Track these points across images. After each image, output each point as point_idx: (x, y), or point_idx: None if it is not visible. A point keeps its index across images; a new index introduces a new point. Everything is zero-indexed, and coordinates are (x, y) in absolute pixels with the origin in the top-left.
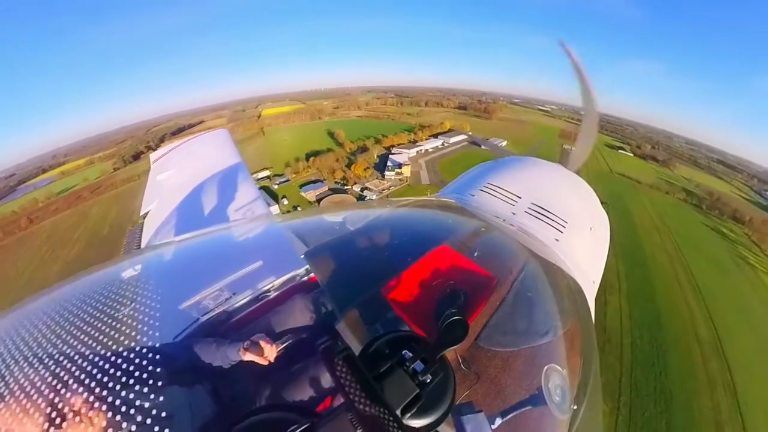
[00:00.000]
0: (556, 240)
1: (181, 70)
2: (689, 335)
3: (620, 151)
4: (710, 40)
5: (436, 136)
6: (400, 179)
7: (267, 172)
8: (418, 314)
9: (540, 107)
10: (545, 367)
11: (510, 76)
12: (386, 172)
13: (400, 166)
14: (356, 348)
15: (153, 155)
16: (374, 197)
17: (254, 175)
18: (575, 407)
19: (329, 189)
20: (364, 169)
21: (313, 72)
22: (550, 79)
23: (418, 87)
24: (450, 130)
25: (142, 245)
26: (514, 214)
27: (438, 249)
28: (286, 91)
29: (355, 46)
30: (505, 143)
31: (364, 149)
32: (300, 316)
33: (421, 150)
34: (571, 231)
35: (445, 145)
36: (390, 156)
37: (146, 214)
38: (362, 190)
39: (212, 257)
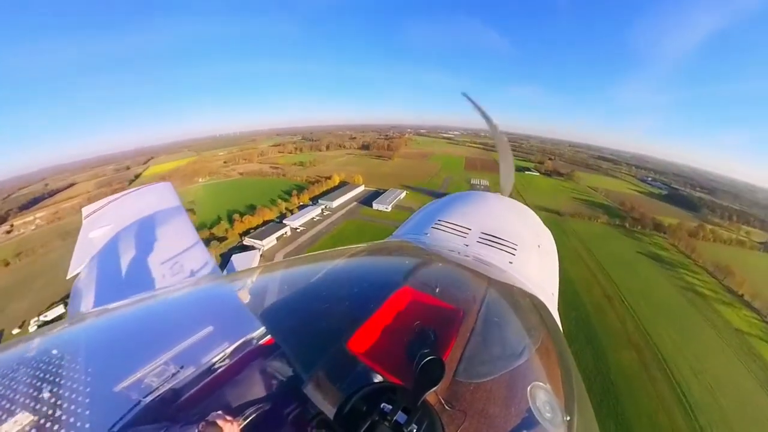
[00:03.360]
0: (510, 263)
1: (72, 113)
2: None
3: (527, 172)
4: (570, 63)
5: (315, 200)
6: None
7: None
8: (389, 362)
9: (444, 135)
10: (529, 387)
11: (416, 108)
12: None
13: None
14: (330, 410)
15: (85, 210)
16: None
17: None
18: (568, 418)
19: None
20: None
21: (227, 115)
22: (450, 108)
23: (329, 126)
24: (340, 184)
25: (69, 314)
26: (467, 245)
27: (399, 291)
28: (194, 136)
29: (272, 89)
30: (404, 194)
31: (207, 243)
32: (261, 384)
33: (286, 233)
34: (522, 252)
35: (325, 213)
36: (233, 257)
37: (74, 277)
38: None
39: (154, 326)
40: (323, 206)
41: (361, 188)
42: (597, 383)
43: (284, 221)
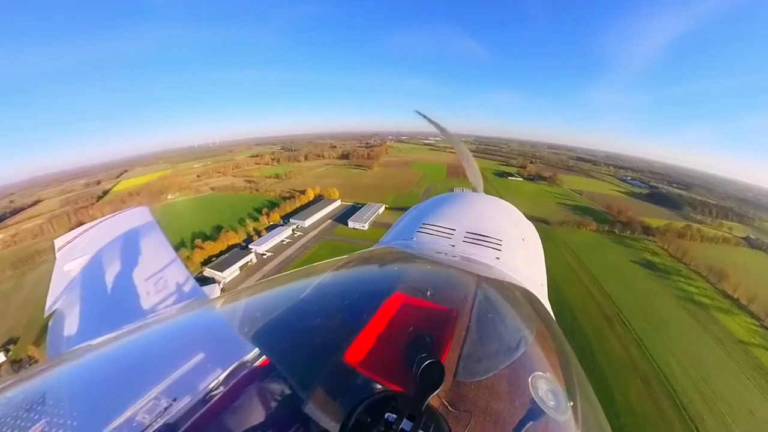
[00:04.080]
0: (497, 258)
1: (48, 123)
2: None
3: (510, 178)
4: (544, 68)
5: (287, 219)
6: None
7: None
8: (389, 370)
9: (425, 141)
10: (530, 378)
11: (398, 114)
12: None
13: None
14: (333, 427)
15: (58, 241)
16: None
17: None
18: (572, 403)
19: None
20: None
21: (207, 125)
22: (432, 113)
23: (311, 134)
24: (315, 199)
25: (48, 354)
26: (453, 246)
27: (391, 298)
28: (173, 147)
29: (253, 98)
30: (382, 209)
31: None
32: (260, 408)
33: (251, 260)
34: (508, 246)
35: (296, 235)
36: None
37: (51, 314)
38: None
39: (141, 359)
40: (294, 226)
41: (337, 203)
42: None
43: (250, 246)
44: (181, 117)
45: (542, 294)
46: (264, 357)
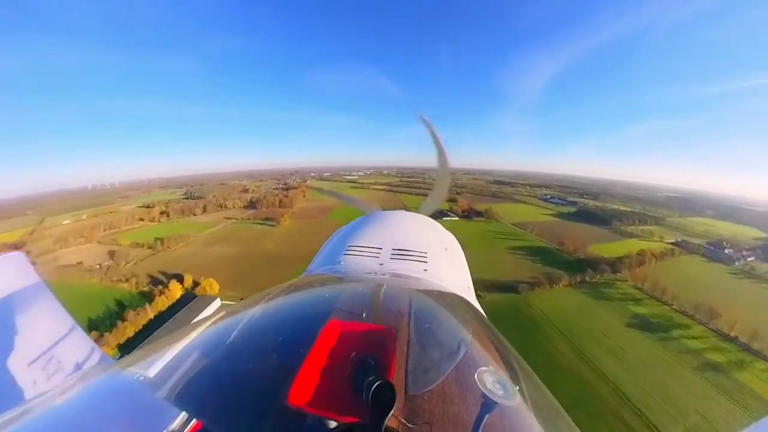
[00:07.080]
0: (425, 270)
1: None
2: None
3: (445, 218)
4: (448, 104)
5: (125, 352)
6: None
7: None
8: (339, 402)
9: (348, 177)
10: (475, 375)
11: (320, 150)
12: None
13: None
14: None
15: None
16: None
17: None
18: (518, 388)
19: None
20: None
21: (113, 159)
22: (353, 149)
23: (227, 173)
24: (185, 296)
25: None
26: (381, 264)
27: (327, 327)
28: (60, 188)
29: (169, 132)
30: None
31: None
32: None
33: None
34: (433, 258)
35: None
36: None
37: None
38: None
39: None
40: None
41: (216, 304)
42: None
43: None
44: (85, 150)
45: (471, 296)
46: (194, 420)
